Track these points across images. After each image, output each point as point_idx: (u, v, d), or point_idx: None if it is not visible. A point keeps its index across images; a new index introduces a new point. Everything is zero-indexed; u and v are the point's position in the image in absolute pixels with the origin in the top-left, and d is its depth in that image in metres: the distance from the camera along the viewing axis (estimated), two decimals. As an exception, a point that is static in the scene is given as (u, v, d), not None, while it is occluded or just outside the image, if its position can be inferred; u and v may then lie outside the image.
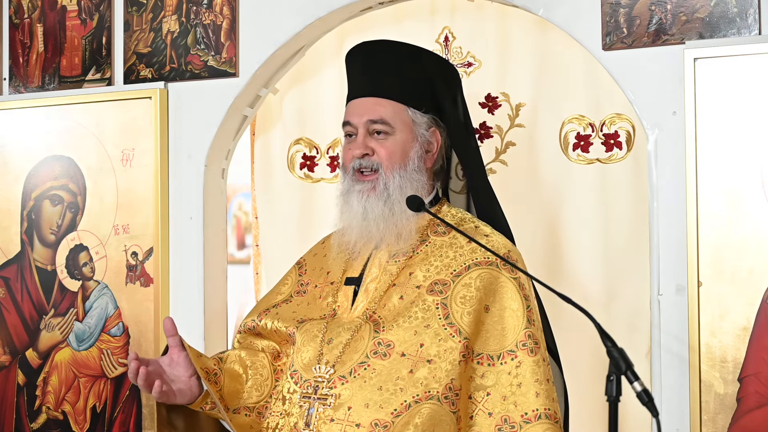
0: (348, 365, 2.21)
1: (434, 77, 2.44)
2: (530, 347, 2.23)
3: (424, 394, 2.15)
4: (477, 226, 2.39)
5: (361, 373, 2.19)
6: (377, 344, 2.21)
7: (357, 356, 2.21)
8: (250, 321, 2.47)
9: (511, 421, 2.18)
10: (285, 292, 2.50)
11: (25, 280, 3.40)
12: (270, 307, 2.47)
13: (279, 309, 2.44)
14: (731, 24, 2.58)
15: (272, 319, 2.42)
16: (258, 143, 3.63)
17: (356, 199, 2.34)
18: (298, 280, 2.50)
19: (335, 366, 2.22)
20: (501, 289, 2.28)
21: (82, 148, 3.32)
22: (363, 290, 2.33)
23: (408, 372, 2.17)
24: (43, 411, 3.34)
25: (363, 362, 2.20)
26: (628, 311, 3.04)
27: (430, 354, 2.18)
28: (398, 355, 2.19)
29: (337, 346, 2.24)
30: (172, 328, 2.28)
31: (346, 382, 2.19)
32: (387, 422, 2.13)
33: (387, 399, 2.15)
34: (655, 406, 1.80)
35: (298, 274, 2.52)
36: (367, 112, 2.36)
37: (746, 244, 2.50)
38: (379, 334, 2.23)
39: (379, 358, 2.20)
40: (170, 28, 3.23)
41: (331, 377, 2.21)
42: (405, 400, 2.14)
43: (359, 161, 2.34)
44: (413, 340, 2.21)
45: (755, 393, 2.48)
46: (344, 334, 2.26)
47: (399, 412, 2.14)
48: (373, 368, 2.19)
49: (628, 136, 3.08)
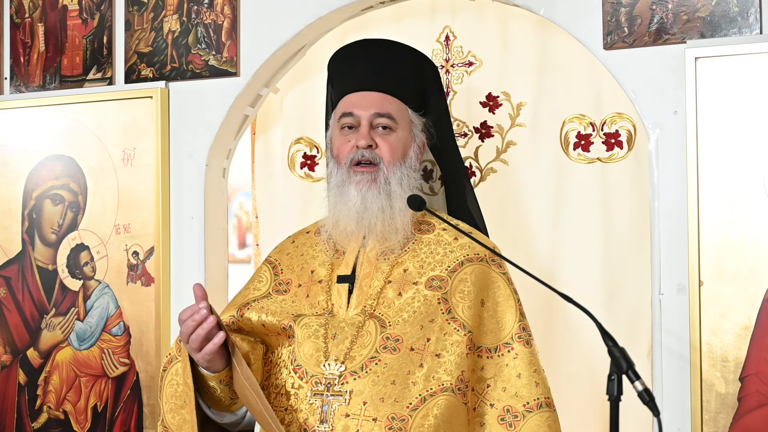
0: (358, 360, 2.21)
1: (429, 81, 2.50)
2: (525, 339, 2.29)
3: (438, 387, 2.17)
4: (457, 224, 2.41)
5: (372, 368, 2.20)
6: (385, 339, 2.23)
7: (366, 351, 2.22)
8: (227, 317, 2.39)
9: (514, 411, 2.23)
10: (262, 289, 2.44)
11: (26, 280, 3.40)
12: (249, 301, 2.40)
13: (262, 303, 2.39)
14: (732, 23, 2.58)
15: (258, 312, 2.36)
16: (259, 143, 3.63)
17: (354, 190, 2.32)
18: (275, 280, 2.45)
19: (345, 362, 2.22)
20: (493, 284, 2.33)
21: (83, 148, 3.32)
22: (358, 287, 2.33)
23: (418, 366, 2.19)
24: (44, 410, 3.34)
25: (373, 357, 2.21)
26: (629, 311, 3.04)
27: (437, 348, 2.21)
28: (407, 349, 2.21)
29: (342, 341, 2.25)
30: (203, 294, 2.15)
31: (359, 378, 2.19)
32: (404, 416, 2.14)
33: (401, 393, 2.17)
34: (656, 406, 1.80)
35: (274, 274, 2.47)
36: (373, 106, 2.36)
37: (747, 243, 2.50)
38: (386, 329, 2.24)
39: (389, 353, 2.21)
40: (171, 28, 3.23)
41: (342, 373, 2.21)
42: (420, 394, 2.17)
43: (362, 152, 2.33)
44: (420, 334, 2.23)
45: (756, 392, 2.48)
46: (348, 329, 2.26)
47: (415, 405, 2.16)
48: (384, 363, 2.20)
49: (629, 136, 3.08)
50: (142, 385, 3.20)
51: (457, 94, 3.29)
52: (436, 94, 2.52)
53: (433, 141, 2.49)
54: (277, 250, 2.54)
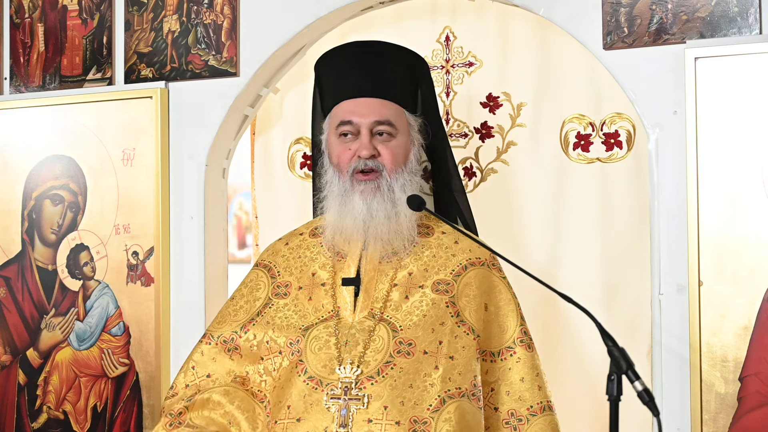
0: (373, 365, 2.21)
1: (421, 80, 2.48)
2: (527, 343, 2.32)
3: (455, 389, 2.19)
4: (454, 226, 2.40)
5: (389, 372, 2.20)
6: (398, 343, 2.23)
7: (381, 356, 2.22)
8: (227, 333, 2.37)
9: (518, 415, 2.26)
10: (262, 297, 2.42)
11: (26, 280, 3.40)
12: (254, 316, 2.38)
13: (266, 317, 2.37)
14: (732, 23, 2.58)
15: (264, 329, 2.34)
16: (258, 143, 3.63)
17: (359, 200, 2.31)
18: (273, 282, 2.43)
19: (360, 366, 2.21)
20: (495, 288, 2.35)
21: (83, 148, 3.32)
22: (364, 290, 2.32)
23: (434, 368, 2.20)
24: (44, 410, 3.34)
25: (389, 362, 2.21)
26: (629, 311, 3.04)
27: (450, 351, 2.22)
28: (420, 353, 2.22)
29: (354, 346, 2.24)
30: None
31: (376, 383, 2.19)
32: (426, 418, 2.16)
33: (420, 396, 2.17)
34: (656, 406, 1.80)
35: (271, 277, 2.44)
36: (373, 113, 2.33)
37: (747, 243, 2.50)
38: (398, 333, 2.24)
39: (403, 357, 2.21)
40: (171, 28, 3.23)
41: (358, 378, 2.20)
42: (438, 395, 2.18)
43: (365, 162, 2.31)
44: (432, 337, 2.23)
45: (756, 392, 2.48)
46: (359, 335, 2.26)
47: (435, 407, 2.17)
48: (400, 367, 2.20)
49: (629, 136, 3.08)
50: (141, 385, 3.20)
51: (458, 95, 3.29)
52: (429, 93, 2.50)
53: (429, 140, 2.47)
54: (269, 252, 2.51)
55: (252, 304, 2.41)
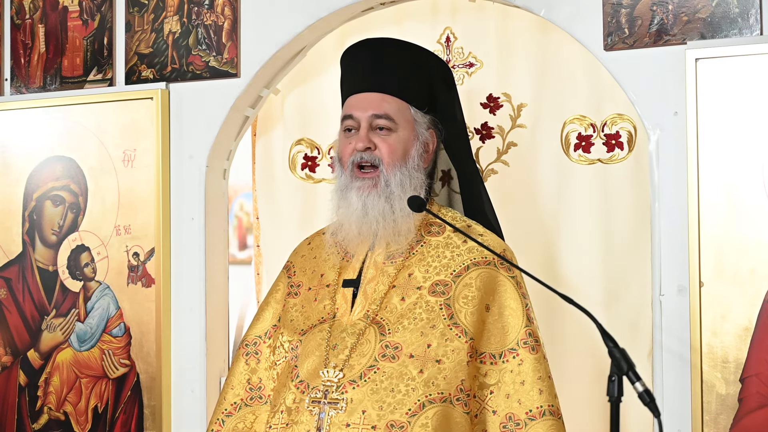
0: (357, 369, 2.20)
1: (436, 79, 2.46)
2: (531, 345, 2.26)
3: (437, 394, 2.16)
4: (470, 225, 2.39)
5: (371, 376, 2.19)
6: (384, 347, 2.22)
7: (365, 360, 2.21)
8: (270, 326, 2.48)
9: (516, 419, 2.21)
10: (280, 299, 2.48)
11: (26, 281, 3.40)
12: (276, 323, 2.48)
13: (284, 320, 2.43)
14: (733, 24, 2.58)
15: (280, 334, 2.42)
16: (259, 144, 3.63)
17: (355, 196, 2.31)
18: (288, 282, 2.47)
19: (343, 370, 2.21)
20: (500, 288, 2.30)
21: (84, 149, 3.32)
22: (362, 292, 2.32)
23: (418, 372, 2.18)
24: (45, 411, 3.34)
25: (372, 366, 2.20)
26: (630, 312, 3.04)
27: (438, 354, 2.20)
28: (406, 356, 2.20)
29: (342, 350, 2.24)
30: None
31: (357, 387, 2.18)
32: (403, 422, 2.14)
33: (400, 400, 2.16)
34: (656, 407, 1.80)
35: (287, 276, 2.49)
36: (371, 107, 2.34)
37: (748, 244, 2.50)
38: (385, 336, 2.23)
39: (388, 361, 2.20)
40: (171, 29, 3.23)
41: (340, 381, 2.20)
42: (418, 400, 2.16)
43: (361, 154, 2.32)
44: (420, 341, 2.21)
45: (757, 393, 2.48)
46: (348, 338, 2.26)
47: (414, 411, 2.15)
48: (383, 371, 2.19)
49: (630, 137, 3.08)
50: (142, 386, 3.20)
51: (458, 96, 3.29)
52: (445, 92, 2.48)
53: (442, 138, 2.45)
54: (294, 252, 2.56)
55: (278, 307, 2.49)
